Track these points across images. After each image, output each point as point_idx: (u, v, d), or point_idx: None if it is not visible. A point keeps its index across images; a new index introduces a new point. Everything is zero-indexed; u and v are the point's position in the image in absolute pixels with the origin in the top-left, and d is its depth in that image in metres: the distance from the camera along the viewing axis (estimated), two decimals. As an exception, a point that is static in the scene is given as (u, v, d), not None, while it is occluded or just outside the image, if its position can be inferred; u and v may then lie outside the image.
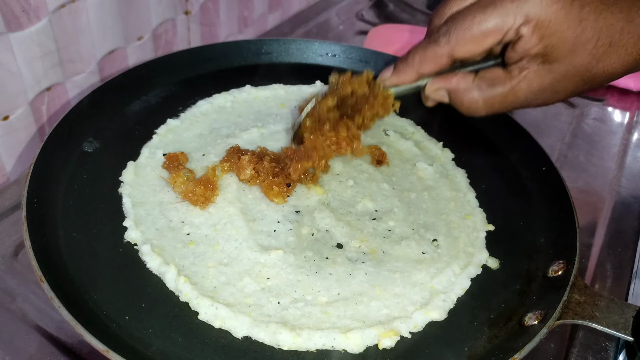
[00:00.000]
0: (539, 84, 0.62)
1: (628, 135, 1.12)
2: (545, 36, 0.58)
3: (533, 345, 0.60)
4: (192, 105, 0.93)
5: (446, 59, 0.63)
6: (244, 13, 1.32)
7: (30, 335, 0.67)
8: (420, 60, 0.65)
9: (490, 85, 0.64)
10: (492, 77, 0.64)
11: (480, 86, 0.65)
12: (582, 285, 0.66)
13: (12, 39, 0.83)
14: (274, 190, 0.76)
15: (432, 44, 0.63)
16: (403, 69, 0.67)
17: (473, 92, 0.65)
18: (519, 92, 0.63)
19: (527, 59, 0.61)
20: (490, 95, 0.64)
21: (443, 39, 0.62)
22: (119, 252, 0.69)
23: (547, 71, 0.61)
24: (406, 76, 0.67)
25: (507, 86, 0.64)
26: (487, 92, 0.64)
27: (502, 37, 0.60)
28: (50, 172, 0.74)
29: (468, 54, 0.62)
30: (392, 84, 0.69)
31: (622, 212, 0.94)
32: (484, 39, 0.60)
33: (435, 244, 0.75)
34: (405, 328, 0.64)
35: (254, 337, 0.62)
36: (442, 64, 0.64)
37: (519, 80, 0.63)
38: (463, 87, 0.66)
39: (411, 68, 0.66)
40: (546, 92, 0.63)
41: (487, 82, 0.64)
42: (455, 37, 0.61)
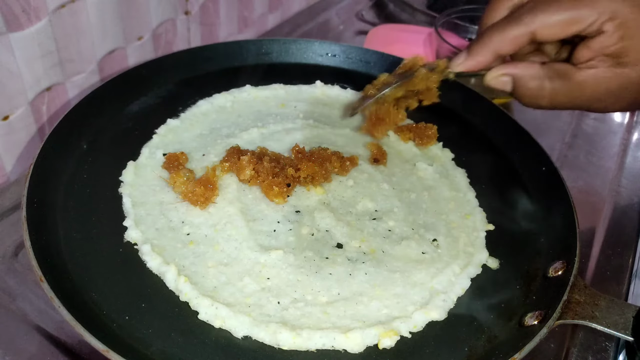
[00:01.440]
0: (607, 86, 0.61)
1: (628, 135, 1.12)
2: (625, 37, 0.58)
3: (533, 345, 0.60)
4: (192, 105, 0.93)
5: (526, 40, 0.61)
6: (244, 13, 1.32)
7: (30, 335, 0.67)
8: (499, 40, 0.62)
9: (559, 77, 0.63)
10: (560, 69, 0.63)
11: (548, 75, 0.63)
12: (582, 285, 0.66)
13: (12, 39, 0.83)
14: (274, 191, 0.76)
15: (513, 23, 0.61)
16: (478, 50, 0.64)
17: (540, 81, 0.63)
18: (586, 89, 0.62)
19: (598, 59, 0.60)
20: (557, 86, 0.63)
21: (527, 18, 0.60)
22: (119, 252, 0.69)
23: (616, 75, 0.61)
24: (482, 57, 0.65)
25: (574, 81, 0.62)
26: (554, 83, 0.63)
27: (586, 27, 0.59)
28: (50, 172, 0.74)
29: (550, 37, 0.61)
30: (466, 67, 0.67)
31: (622, 212, 0.94)
32: (570, 25, 0.59)
33: (435, 244, 0.75)
34: (405, 328, 0.64)
35: (254, 336, 0.62)
36: (522, 45, 0.62)
37: (587, 77, 0.61)
38: (530, 73, 0.64)
39: (487, 49, 0.64)
40: (611, 96, 0.62)
41: (555, 72, 0.63)
42: (542, 17, 0.60)
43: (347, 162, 0.82)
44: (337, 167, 0.81)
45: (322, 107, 0.98)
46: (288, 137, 0.89)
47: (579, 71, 0.62)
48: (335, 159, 0.81)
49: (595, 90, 0.62)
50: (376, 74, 1.05)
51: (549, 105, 0.65)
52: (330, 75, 1.04)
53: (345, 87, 1.02)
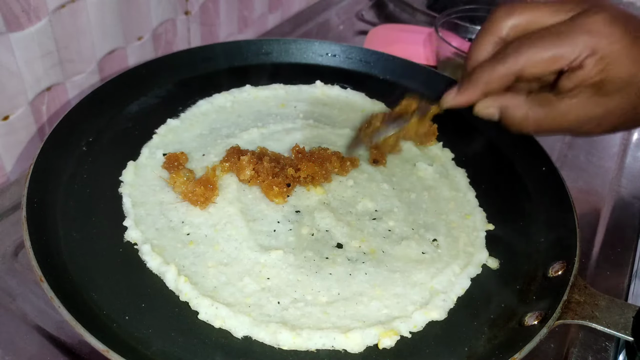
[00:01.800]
0: (587, 113, 0.65)
1: (628, 135, 1.12)
2: (604, 70, 0.62)
3: (533, 345, 0.60)
4: (192, 105, 0.93)
5: (512, 78, 0.66)
6: (244, 13, 1.32)
7: (30, 335, 0.67)
8: (487, 79, 0.67)
9: (542, 106, 0.67)
10: (544, 99, 0.67)
11: (532, 105, 0.68)
12: (582, 285, 0.66)
13: (12, 39, 0.83)
14: (274, 191, 0.76)
15: (501, 62, 0.66)
16: (469, 89, 0.69)
17: (525, 110, 0.68)
18: (569, 116, 0.66)
19: (580, 89, 0.64)
20: (541, 115, 0.67)
21: (512, 58, 0.65)
22: (119, 252, 0.69)
23: (597, 103, 0.65)
24: (472, 96, 0.69)
25: (558, 109, 0.66)
26: (538, 112, 0.67)
27: (569, 63, 0.63)
28: (50, 172, 0.74)
29: (535, 74, 0.65)
30: (457, 103, 0.71)
31: (622, 212, 0.94)
32: (553, 63, 0.63)
33: (435, 244, 0.75)
34: (405, 328, 0.64)
35: (254, 336, 0.62)
36: (509, 82, 0.67)
37: (570, 105, 0.65)
38: (515, 104, 0.68)
39: (476, 87, 0.68)
40: (592, 122, 0.66)
41: (538, 102, 0.67)
42: (526, 57, 0.64)
43: (347, 162, 0.82)
44: (337, 167, 0.81)
45: (322, 107, 0.98)
46: (288, 137, 0.89)
47: (561, 100, 0.66)
48: (335, 159, 0.81)
49: (577, 116, 0.66)
50: (376, 74, 1.06)
51: (534, 132, 0.70)
52: (330, 75, 1.04)
53: (345, 87, 1.02)
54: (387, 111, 0.80)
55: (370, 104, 0.99)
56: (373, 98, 1.00)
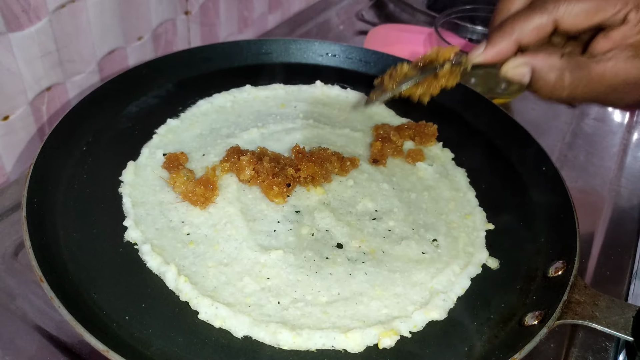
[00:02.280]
0: (625, 76, 0.61)
1: (628, 135, 1.12)
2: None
3: (533, 345, 0.60)
4: (192, 105, 0.93)
5: (550, 29, 0.60)
6: (244, 13, 1.32)
7: (30, 335, 0.67)
8: (522, 28, 0.61)
9: (579, 67, 0.62)
10: (579, 60, 0.62)
11: (568, 65, 0.62)
12: (582, 285, 0.66)
13: (12, 39, 0.83)
14: (274, 191, 0.76)
15: (537, 10, 0.60)
16: (499, 39, 0.62)
17: (560, 72, 0.62)
18: (605, 79, 0.61)
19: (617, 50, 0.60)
20: (578, 76, 0.62)
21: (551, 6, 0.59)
22: (119, 252, 0.69)
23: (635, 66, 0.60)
24: (503, 47, 0.63)
25: (594, 71, 0.61)
26: (573, 73, 0.62)
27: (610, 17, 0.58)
28: (50, 172, 0.74)
29: (574, 26, 0.60)
30: (487, 57, 0.64)
31: (622, 212, 0.94)
32: (595, 14, 0.59)
33: (435, 243, 0.75)
34: (405, 328, 0.64)
35: (254, 336, 0.62)
36: (545, 35, 0.61)
37: (607, 67, 0.61)
38: (550, 64, 0.62)
39: (509, 37, 0.62)
40: (628, 87, 0.61)
41: (575, 62, 0.62)
42: (566, 6, 0.59)
43: (348, 162, 0.82)
44: (337, 168, 0.81)
45: (322, 107, 0.98)
46: (288, 137, 0.89)
47: (597, 63, 0.61)
48: (335, 159, 0.81)
49: (613, 81, 0.61)
50: (376, 74, 1.05)
51: (568, 98, 0.64)
52: (330, 75, 1.04)
53: (345, 87, 1.02)
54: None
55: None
56: (373, 98, 1.00)
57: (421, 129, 0.90)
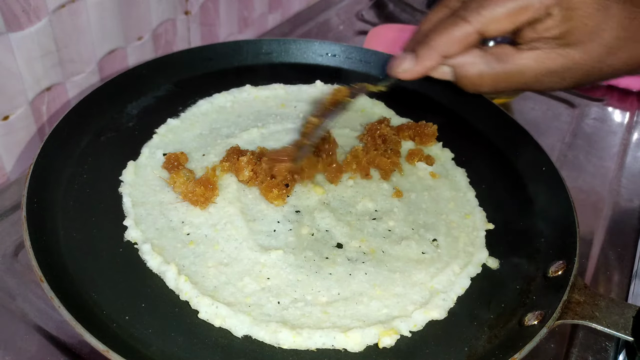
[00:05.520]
0: (549, 66, 0.61)
1: (628, 135, 1.12)
2: (570, 18, 0.57)
3: (533, 345, 0.60)
4: (192, 105, 0.93)
5: (474, 38, 0.60)
6: (244, 13, 1.32)
7: (30, 335, 0.67)
8: (447, 43, 0.60)
9: (499, 61, 0.62)
10: (500, 53, 0.62)
11: (488, 61, 0.62)
12: (582, 285, 0.66)
13: (12, 39, 0.83)
14: (273, 193, 0.76)
15: (460, 22, 0.59)
16: (427, 55, 0.62)
17: (480, 67, 0.62)
18: (527, 71, 0.61)
19: (542, 40, 0.60)
20: (498, 71, 0.62)
21: (473, 16, 0.58)
22: (119, 252, 0.69)
23: (559, 55, 0.60)
24: (431, 62, 0.62)
25: (515, 64, 0.61)
26: (495, 68, 0.62)
27: (534, 14, 0.58)
28: (50, 172, 0.74)
29: (499, 32, 0.59)
30: (416, 73, 0.64)
31: (622, 212, 0.94)
32: (519, 15, 0.58)
33: (435, 243, 0.75)
34: (405, 327, 0.64)
35: (254, 336, 0.62)
36: (470, 44, 0.60)
37: (529, 59, 0.61)
38: (470, 61, 0.62)
39: (435, 52, 0.61)
40: (553, 77, 0.61)
41: (495, 57, 0.62)
42: (488, 13, 0.58)
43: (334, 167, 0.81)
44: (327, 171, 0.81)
45: (322, 107, 0.98)
46: (288, 137, 0.89)
47: (521, 53, 0.61)
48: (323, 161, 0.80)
49: (537, 71, 0.61)
50: (376, 74, 1.06)
51: (491, 90, 0.64)
52: (330, 75, 1.04)
53: (345, 87, 1.02)
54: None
55: (370, 103, 0.99)
56: (373, 98, 1.00)
57: (421, 129, 0.90)
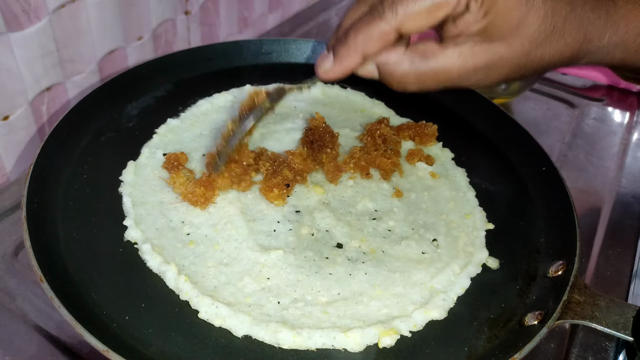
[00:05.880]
0: (474, 63, 0.59)
1: (628, 135, 1.12)
2: (490, 13, 0.56)
3: (533, 345, 0.60)
4: (192, 105, 0.93)
5: (393, 36, 0.58)
6: (244, 13, 1.32)
7: (30, 335, 0.67)
8: (365, 41, 0.59)
9: (423, 59, 0.60)
10: (424, 50, 0.60)
11: (412, 59, 0.60)
12: (582, 285, 0.66)
13: (12, 39, 0.83)
14: (273, 193, 0.76)
15: (377, 19, 0.58)
16: (345, 54, 0.60)
17: (404, 65, 0.60)
18: (452, 69, 0.60)
19: (465, 35, 0.58)
20: (423, 69, 0.60)
21: (389, 13, 0.57)
22: (119, 252, 0.69)
23: (483, 50, 0.59)
24: (351, 61, 0.61)
25: (440, 61, 0.60)
26: (419, 66, 0.60)
27: (452, 10, 0.56)
28: (50, 172, 0.74)
29: (417, 28, 0.58)
30: (336, 74, 0.63)
31: (622, 212, 0.94)
32: (436, 11, 0.56)
33: (435, 243, 0.75)
34: (405, 327, 0.64)
35: (254, 336, 0.62)
36: (389, 41, 0.59)
37: (453, 56, 0.59)
38: (394, 60, 0.61)
39: (354, 51, 0.60)
40: (480, 73, 0.60)
41: (419, 55, 0.60)
42: (403, 9, 0.56)
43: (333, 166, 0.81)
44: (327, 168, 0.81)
45: (322, 107, 0.98)
46: (288, 137, 0.89)
47: (445, 49, 0.59)
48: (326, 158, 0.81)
49: (462, 68, 0.60)
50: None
51: (418, 89, 0.63)
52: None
53: (345, 86, 1.02)
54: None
55: (370, 103, 0.99)
56: (373, 98, 1.00)
57: (421, 129, 0.90)
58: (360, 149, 0.84)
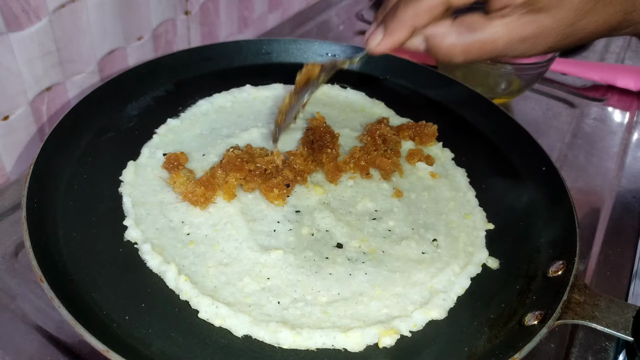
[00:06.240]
0: (520, 33, 0.60)
1: (628, 135, 1.12)
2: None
3: (533, 345, 0.60)
4: (192, 105, 0.93)
5: (442, 8, 0.59)
6: (244, 13, 1.32)
7: (30, 335, 0.67)
8: (414, 14, 0.60)
9: (470, 31, 0.61)
10: (471, 22, 0.61)
11: (459, 31, 0.61)
12: (582, 285, 0.66)
13: (12, 39, 0.83)
14: (273, 193, 0.76)
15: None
16: (396, 27, 0.61)
17: (451, 37, 0.62)
18: (499, 40, 0.61)
19: (511, 7, 0.59)
20: (469, 41, 0.61)
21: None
22: (119, 252, 0.69)
23: (529, 21, 0.59)
24: (401, 35, 0.62)
25: (486, 33, 0.61)
26: (466, 38, 0.61)
27: None
28: (50, 172, 0.74)
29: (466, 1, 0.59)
30: (386, 48, 0.63)
31: (622, 212, 0.94)
32: None
33: (435, 243, 0.75)
34: (405, 327, 0.64)
35: (254, 335, 0.62)
36: (439, 14, 0.60)
37: (499, 27, 0.60)
38: (441, 32, 0.62)
39: (404, 25, 0.61)
40: (526, 43, 0.61)
41: (466, 27, 0.61)
42: None
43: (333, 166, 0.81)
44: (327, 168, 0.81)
45: (322, 107, 0.98)
46: (288, 137, 0.89)
47: (491, 21, 0.60)
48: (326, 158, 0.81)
49: (509, 38, 0.61)
50: (377, 74, 1.06)
51: (465, 60, 0.64)
52: (330, 75, 1.03)
53: (345, 86, 1.02)
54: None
55: (370, 103, 0.99)
56: (373, 98, 1.00)
57: (421, 129, 0.90)
58: (360, 149, 0.84)
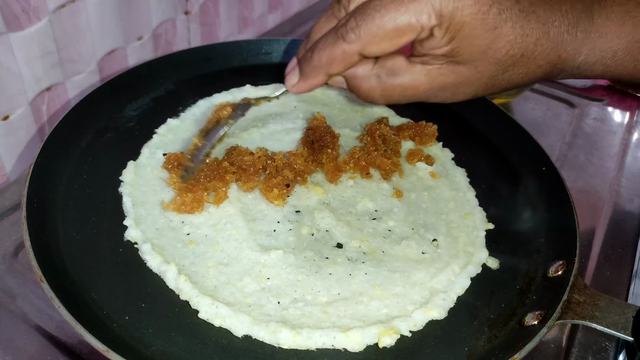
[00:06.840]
0: (440, 82, 0.60)
1: (628, 135, 1.12)
2: (456, 39, 0.56)
3: (533, 345, 0.60)
4: (192, 105, 0.93)
5: (356, 57, 0.59)
6: (244, 13, 1.32)
7: (30, 335, 0.67)
8: (329, 62, 0.60)
9: (391, 75, 0.61)
10: (392, 67, 0.60)
11: (379, 75, 0.61)
12: (582, 285, 0.66)
13: (12, 39, 0.83)
14: (274, 193, 0.76)
15: (340, 41, 0.58)
16: (311, 73, 0.62)
17: (371, 81, 0.61)
18: (420, 86, 0.60)
19: (432, 56, 0.58)
20: (390, 85, 0.61)
21: (352, 36, 0.57)
22: (119, 252, 0.69)
23: (450, 71, 0.59)
24: (315, 80, 0.62)
25: (407, 78, 0.60)
26: (386, 82, 0.61)
27: (416, 35, 0.56)
28: (50, 172, 0.74)
29: (380, 51, 0.58)
30: (302, 90, 0.65)
31: (622, 212, 0.94)
32: (398, 37, 0.56)
33: (435, 243, 0.75)
34: (405, 327, 0.64)
35: (254, 335, 0.62)
36: (352, 62, 0.60)
37: (421, 74, 0.59)
38: (361, 75, 0.62)
39: (319, 71, 0.61)
40: (446, 92, 0.61)
41: (387, 71, 0.61)
42: (365, 33, 0.56)
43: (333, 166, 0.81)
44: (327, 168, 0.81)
45: (322, 107, 0.98)
46: (288, 137, 0.89)
47: (411, 67, 0.60)
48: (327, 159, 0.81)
49: (429, 86, 0.60)
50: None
51: (385, 102, 0.64)
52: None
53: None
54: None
55: (369, 103, 0.99)
56: (373, 98, 1.00)
57: (421, 129, 0.90)
58: (360, 149, 0.84)
